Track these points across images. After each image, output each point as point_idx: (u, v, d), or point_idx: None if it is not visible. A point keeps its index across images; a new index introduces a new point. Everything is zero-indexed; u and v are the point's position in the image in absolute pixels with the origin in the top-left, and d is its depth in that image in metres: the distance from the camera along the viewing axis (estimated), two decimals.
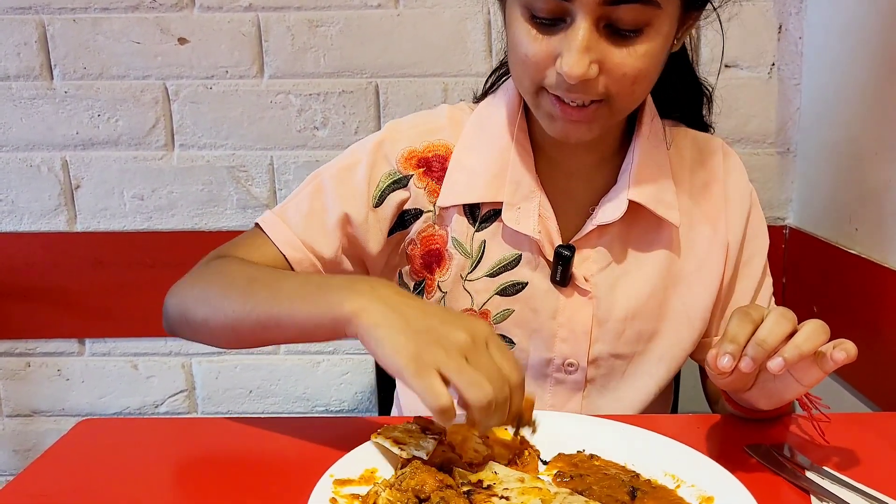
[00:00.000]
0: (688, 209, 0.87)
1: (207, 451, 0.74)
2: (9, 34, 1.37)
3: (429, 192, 0.87)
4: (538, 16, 0.71)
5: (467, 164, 0.86)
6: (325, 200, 0.87)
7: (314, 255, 0.86)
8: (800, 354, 0.62)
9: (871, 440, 0.74)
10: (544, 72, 0.73)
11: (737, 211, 0.89)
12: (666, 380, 0.90)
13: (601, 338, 0.87)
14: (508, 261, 0.86)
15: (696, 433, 0.75)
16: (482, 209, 0.86)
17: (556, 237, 0.85)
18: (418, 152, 0.87)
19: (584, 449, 0.70)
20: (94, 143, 1.42)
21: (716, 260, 0.88)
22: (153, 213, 1.44)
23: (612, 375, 0.89)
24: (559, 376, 0.88)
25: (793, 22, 1.34)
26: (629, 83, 0.73)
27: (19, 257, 1.45)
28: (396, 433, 0.66)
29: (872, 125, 1.12)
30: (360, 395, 1.52)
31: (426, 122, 0.90)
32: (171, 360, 1.51)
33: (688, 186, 0.88)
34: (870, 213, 1.12)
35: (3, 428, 1.55)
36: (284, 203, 0.90)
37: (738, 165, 0.92)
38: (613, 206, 0.84)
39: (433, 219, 0.87)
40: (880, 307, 1.08)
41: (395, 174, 0.87)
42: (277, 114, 1.40)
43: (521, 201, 0.84)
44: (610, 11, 0.69)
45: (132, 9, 1.36)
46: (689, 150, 0.91)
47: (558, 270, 0.84)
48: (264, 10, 1.36)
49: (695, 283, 0.88)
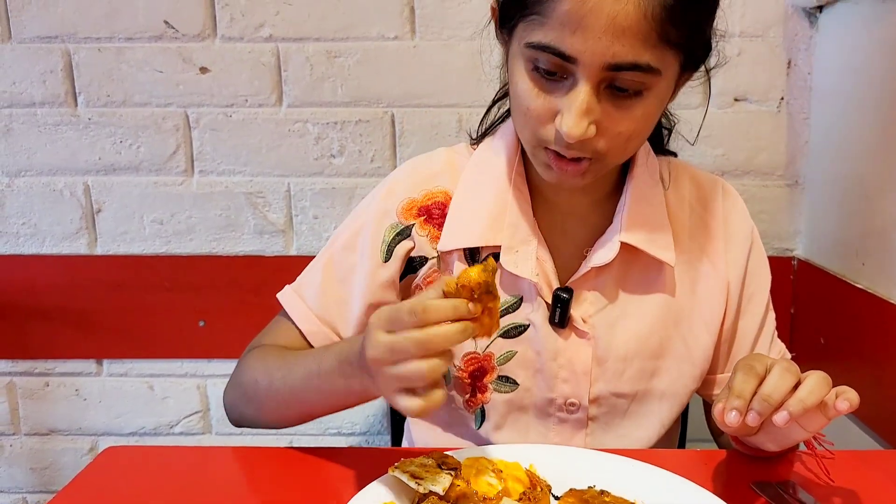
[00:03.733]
0: (687, 248, 0.89)
1: (229, 480, 0.77)
2: (35, 62, 1.41)
3: (431, 239, 0.89)
4: (541, 68, 0.73)
5: (467, 208, 0.89)
6: (338, 274, 0.91)
7: (329, 329, 0.91)
8: (804, 408, 0.64)
9: (877, 478, 0.75)
10: (545, 126, 0.76)
11: (737, 249, 0.91)
12: (670, 418, 0.91)
13: (601, 377, 0.88)
14: (510, 304, 0.88)
15: (703, 470, 0.76)
16: (482, 253, 0.88)
17: (553, 279, 0.86)
18: (418, 202, 0.90)
19: (594, 485, 0.72)
20: (115, 168, 1.45)
21: (716, 298, 0.90)
22: (172, 238, 1.47)
23: (614, 414, 0.90)
24: (562, 415, 0.89)
25: (802, 57, 1.36)
26: (624, 141, 0.76)
27: (40, 279, 1.48)
28: (413, 467, 0.68)
29: (879, 161, 1.13)
30: (371, 418, 1.54)
31: (423, 170, 0.93)
32: (186, 381, 1.53)
33: (687, 225, 0.90)
34: (876, 249, 1.14)
35: (21, 446, 1.57)
36: (301, 277, 0.95)
37: (738, 204, 0.94)
38: (607, 249, 0.85)
39: (437, 264, 0.90)
40: (886, 342, 1.09)
41: (398, 226, 0.90)
42: (295, 142, 1.43)
43: (518, 245, 0.86)
44: (612, 75, 0.71)
45: (155, 38, 1.40)
46: (687, 189, 0.92)
47: (557, 313, 0.86)
48: (284, 41, 1.40)
49: (695, 321, 0.89)
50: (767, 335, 0.94)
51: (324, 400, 0.81)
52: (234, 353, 1.05)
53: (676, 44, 0.71)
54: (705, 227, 0.91)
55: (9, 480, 1.59)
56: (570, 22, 0.69)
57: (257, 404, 0.87)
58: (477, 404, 0.90)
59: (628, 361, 0.88)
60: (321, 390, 0.79)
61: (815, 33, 1.35)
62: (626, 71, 0.70)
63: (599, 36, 0.68)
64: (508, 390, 0.89)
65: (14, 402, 1.55)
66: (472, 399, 0.90)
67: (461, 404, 0.91)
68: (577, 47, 0.69)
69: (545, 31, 0.71)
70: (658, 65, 0.71)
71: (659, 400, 0.90)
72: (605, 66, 0.69)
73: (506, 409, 0.90)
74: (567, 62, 0.70)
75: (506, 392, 0.89)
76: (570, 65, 0.71)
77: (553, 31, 0.70)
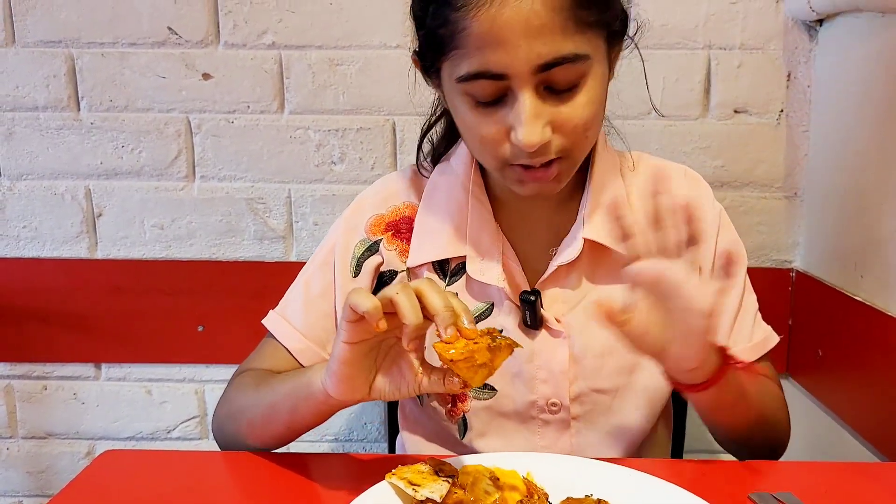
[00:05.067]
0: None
1: (227, 486, 0.77)
2: (39, 66, 1.42)
3: (399, 253, 0.92)
4: (482, 101, 0.75)
5: (430, 224, 0.90)
6: (317, 290, 0.93)
7: (316, 345, 0.91)
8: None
9: (875, 491, 0.75)
10: (502, 146, 0.77)
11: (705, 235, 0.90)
12: (653, 411, 0.92)
13: (580, 375, 0.88)
14: (481, 310, 0.89)
15: (701, 480, 0.76)
16: (451, 263, 0.89)
17: (522, 282, 0.88)
18: (385, 217, 0.93)
19: (592, 493, 0.72)
20: (117, 172, 1.45)
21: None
22: (172, 242, 1.48)
23: (596, 411, 0.90)
24: (545, 417, 0.90)
25: (801, 70, 1.37)
26: (582, 132, 0.77)
27: (40, 282, 1.48)
28: (410, 475, 0.68)
29: (878, 174, 1.14)
30: (369, 425, 1.54)
31: (389, 186, 0.96)
32: (184, 386, 1.53)
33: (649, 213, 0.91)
34: (874, 261, 1.14)
35: (18, 449, 1.57)
36: (283, 300, 0.96)
37: (702, 187, 0.94)
38: (573, 247, 0.86)
39: (407, 278, 0.91)
40: (884, 354, 1.09)
41: (366, 241, 0.92)
42: (296, 148, 1.44)
43: (483, 254, 0.87)
44: (545, 76, 0.72)
45: (158, 44, 1.41)
46: (648, 176, 0.93)
47: (527, 315, 0.87)
48: (286, 49, 1.40)
49: None
50: (749, 315, 0.93)
51: (291, 405, 0.81)
52: (232, 358, 1.05)
53: (593, 24, 0.73)
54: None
55: (5, 484, 1.59)
56: (488, 42, 0.70)
57: (239, 426, 0.87)
58: (458, 413, 0.91)
59: (605, 357, 0.88)
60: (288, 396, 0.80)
61: (814, 46, 1.35)
62: (557, 66, 0.72)
63: (518, 43, 0.70)
64: (487, 397, 0.90)
65: (12, 406, 1.54)
66: (454, 409, 0.91)
67: (444, 416, 0.92)
68: (503, 62, 0.71)
69: (469, 61, 0.72)
70: (584, 50, 0.72)
71: (642, 393, 0.90)
72: (535, 68, 0.71)
73: (487, 417, 0.90)
74: (500, 80, 0.72)
75: (485, 399, 0.90)
76: (503, 82, 0.72)
77: (476, 58, 0.72)
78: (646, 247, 0.72)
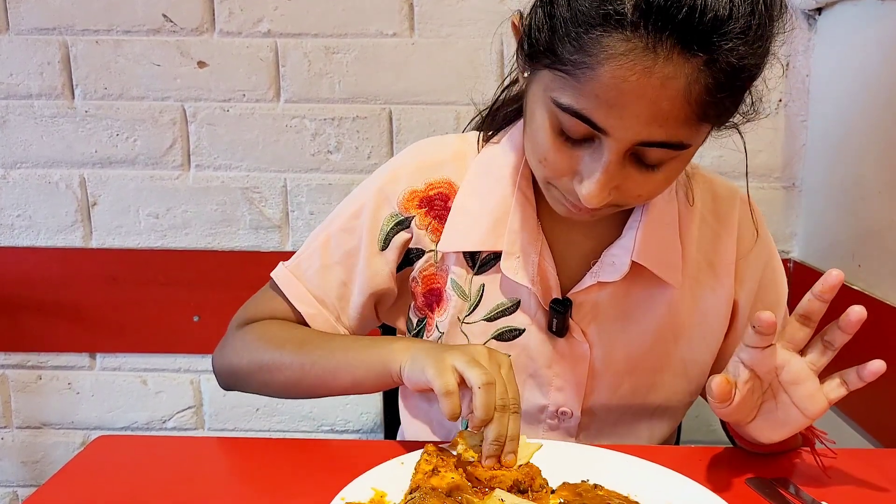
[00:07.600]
0: (694, 263, 0.86)
1: (221, 471, 0.76)
2: (33, 54, 1.41)
3: (431, 232, 0.87)
4: (565, 132, 0.69)
5: (469, 209, 0.85)
6: (337, 256, 0.89)
7: (326, 311, 0.89)
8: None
9: (873, 476, 0.75)
10: (561, 178, 0.72)
11: (750, 265, 0.88)
12: (663, 433, 0.90)
13: (597, 389, 0.86)
14: (506, 306, 0.86)
15: (698, 465, 0.76)
16: (482, 253, 0.85)
17: (554, 287, 0.84)
18: (419, 192, 0.87)
19: (588, 479, 0.71)
20: (112, 161, 1.44)
21: (721, 314, 0.87)
22: (167, 232, 1.47)
23: (605, 424, 0.89)
24: (552, 423, 0.88)
25: (800, 60, 1.36)
26: (643, 200, 0.74)
27: (35, 271, 1.47)
28: None
29: (876, 164, 1.14)
30: (365, 416, 1.53)
31: (429, 156, 0.89)
32: (179, 376, 1.52)
33: (696, 239, 0.86)
34: (872, 251, 1.14)
35: (12, 439, 1.56)
36: (297, 257, 0.91)
37: (756, 218, 0.90)
38: (615, 266, 0.82)
39: (434, 258, 0.87)
40: (883, 344, 1.09)
41: (398, 216, 0.87)
42: (292, 137, 1.43)
43: (519, 251, 0.83)
44: (640, 149, 0.67)
45: (153, 32, 1.40)
46: (701, 199, 0.88)
47: (554, 322, 0.84)
48: (282, 37, 1.39)
49: (695, 337, 0.87)
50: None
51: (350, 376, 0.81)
52: None
53: (713, 118, 0.66)
54: (717, 241, 0.87)
55: (0, 474, 1.58)
56: (607, 98, 0.63)
57: (271, 377, 0.85)
58: None
59: (625, 376, 0.86)
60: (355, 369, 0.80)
61: (813, 35, 1.35)
62: (658, 147, 0.66)
63: (637, 116, 0.63)
64: None
65: (6, 395, 1.54)
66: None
67: None
68: (612, 123, 0.64)
69: (577, 97, 0.65)
70: (691, 141, 0.67)
71: (653, 414, 0.89)
72: (638, 143, 0.66)
73: None
74: (596, 131, 0.66)
75: None
76: (597, 133, 0.66)
77: (586, 100, 0.64)
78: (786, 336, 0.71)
